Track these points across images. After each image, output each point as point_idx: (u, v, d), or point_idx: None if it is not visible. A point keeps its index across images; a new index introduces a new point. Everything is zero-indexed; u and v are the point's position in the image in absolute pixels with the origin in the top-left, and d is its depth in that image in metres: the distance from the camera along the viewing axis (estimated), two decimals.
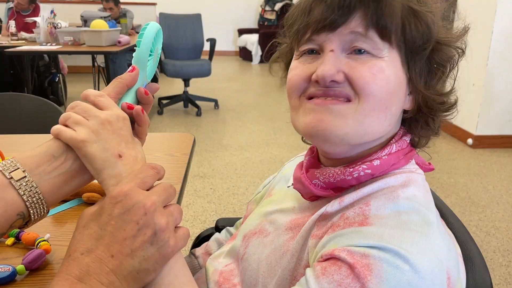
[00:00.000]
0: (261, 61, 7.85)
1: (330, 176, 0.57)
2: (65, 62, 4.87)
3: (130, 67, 0.54)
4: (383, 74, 0.52)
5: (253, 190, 2.71)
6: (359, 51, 0.53)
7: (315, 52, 0.56)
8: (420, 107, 0.58)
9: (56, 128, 0.48)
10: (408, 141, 0.60)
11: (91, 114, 0.48)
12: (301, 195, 0.62)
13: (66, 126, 0.48)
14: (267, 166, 3.12)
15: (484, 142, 3.54)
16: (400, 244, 0.46)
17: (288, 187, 0.70)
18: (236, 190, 2.72)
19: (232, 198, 2.62)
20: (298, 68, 0.57)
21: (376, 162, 0.55)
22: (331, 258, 0.48)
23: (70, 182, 0.47)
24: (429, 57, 0.56)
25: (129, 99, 0.54)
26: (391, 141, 0.58)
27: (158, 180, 0.48)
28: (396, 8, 0.52)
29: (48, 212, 0.47)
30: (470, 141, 3.56)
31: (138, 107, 0.53)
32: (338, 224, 0.52)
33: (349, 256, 0.46)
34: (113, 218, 0.42)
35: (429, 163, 0.63)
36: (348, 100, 0.53)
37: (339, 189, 0.57)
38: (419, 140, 0.61)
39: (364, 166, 0.55)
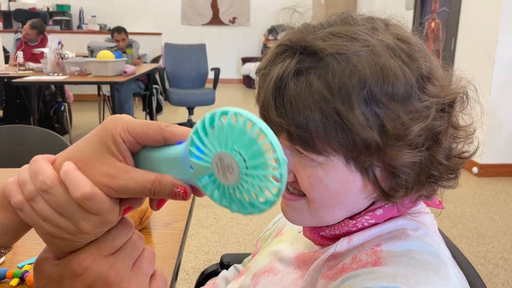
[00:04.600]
0: None
1: (336, 228, 0.56)
2: (71, 90, 4.91)
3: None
4: (321, 183, 0.51)
5: (257, 221, 2.69)
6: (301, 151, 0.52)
7: None
8: None
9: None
10: None
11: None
12: (312, 242, 0.62)
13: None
14: None
15: (490, 171, 3.52)
16: (415, 285, 0.45)
17: (299, 232, 0.70)
18: (240, 220, 2.69)
19: (236, 228, 2.59)
20: None
21: (379, 212, 0.54)
22: None
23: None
24: (382, 161, 0.49)
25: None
26: None
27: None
28: (315, 125, 0.48)
29: (7, 251, 0.40)
30: (475, 169, 3.55)
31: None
32: (351, 267, 0.52)
33: None
34: None
35: (440, 202, 0.60)
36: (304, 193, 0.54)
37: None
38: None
39: (367, 217, 0.54)
